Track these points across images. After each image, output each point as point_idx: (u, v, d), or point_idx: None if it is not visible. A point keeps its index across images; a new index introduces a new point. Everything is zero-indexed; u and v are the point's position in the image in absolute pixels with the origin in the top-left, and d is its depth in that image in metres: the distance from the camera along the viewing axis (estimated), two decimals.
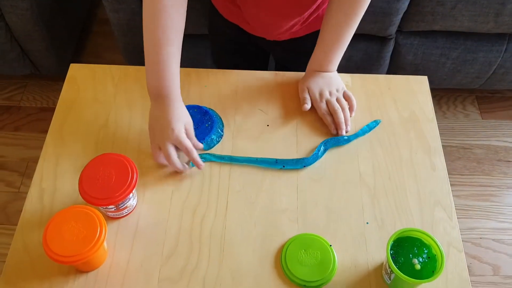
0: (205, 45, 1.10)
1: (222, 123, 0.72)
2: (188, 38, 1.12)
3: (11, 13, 1.10)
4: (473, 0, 1.00)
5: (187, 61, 1.17)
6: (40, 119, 1.32)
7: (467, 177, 1.22)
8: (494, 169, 1.24)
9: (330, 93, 0.72)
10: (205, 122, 0.71)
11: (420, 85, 0.78)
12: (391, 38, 1.12)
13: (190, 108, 0.72)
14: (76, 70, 0.79)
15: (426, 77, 0.78)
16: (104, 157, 0.62)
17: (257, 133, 0.71)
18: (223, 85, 0.77)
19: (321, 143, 0.69)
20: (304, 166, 0.68)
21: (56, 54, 1.25)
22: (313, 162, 0.68)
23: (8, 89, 1.36)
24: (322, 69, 0.74)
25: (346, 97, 0.72)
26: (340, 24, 0.70)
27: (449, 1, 1.01)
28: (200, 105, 0.73)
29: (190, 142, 0.65)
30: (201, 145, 0.67)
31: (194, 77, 0.78)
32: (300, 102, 0.72)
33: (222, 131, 0.71)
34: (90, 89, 0.76)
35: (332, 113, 0.71)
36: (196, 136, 0.69)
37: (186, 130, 0.66)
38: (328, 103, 0.71)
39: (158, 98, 0.66)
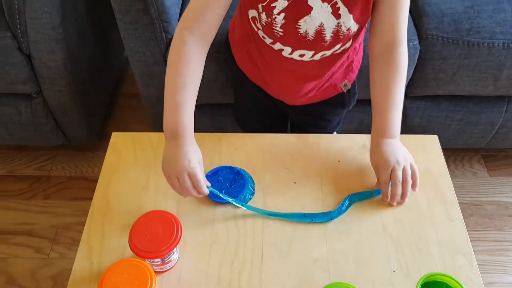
0: (228, 113, 1.19)
1: (253, 182, 0.79)
2: (212, 107, 1.22)
3: (50, 89, 1.21)
4: (472, 66, 1.10)
5: (212, 128, 1.26)
6: (68, 188, 1.39)
7: (480, 232, 1.27)
8: (505, 224, 1.29)
9: (398, 162, 0.71)
10: (238, 181, 0.78)
11: (431, 143, 0.85)
12: None
13: (223, 168, 0.79)
14: (117, 138, 0.87)
15: (436, 135, 0.86)
16: (151, 214, 0.68)
17: (285, 190, 0.78)
18: (251, 147, 0.84)
19: (346, 198, 0.75)
20: (331, 219, 0.73)
21: (87, 126, 1.34)
22: (339, 215, 0.74)
23: (39, 160, 1.45)
24: (385, 135, 0.74)
25: (412, 171, 0.72)
26: (388, 84, 0.74)
27: (450, 68, 1.11)
28: (232, 165, 0.80)
29: (202, 176, 0.70)
30: (207, 191, 0.71)
31: (225, 141, 0.85)
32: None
33: (254, 189, 0.78)
34: (131, 154, 0.84)
35: (392, 182, 0.71)
36: (230, 193, 0.76)
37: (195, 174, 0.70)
38: (392, 172, 0.70)
39: (174, 137, 0.72)
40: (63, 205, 1.35)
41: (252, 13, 0.77)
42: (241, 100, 1.06)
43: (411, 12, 1.13)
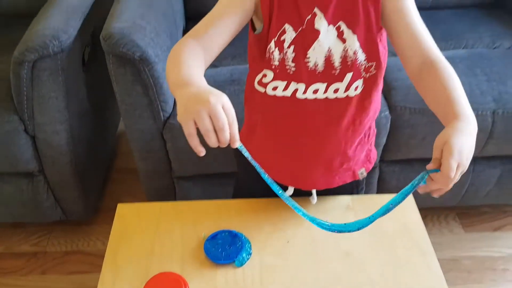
0: (220, 183, 1.28)
1: (250, 243, 0.87)
2: (213, 177, 1.30)
3: (51, 168, 1.29)
4: (438, 133, 1.23)
5: (204, 197, 1.34)
6: (65, 262, 1.43)
7: (461, 286, 1.35)
8: (484, 277, 1.37)
9: (463, 170, 0.65)
10: (236, 243, 0.86)
11: (406, 200, 0.95)
12: (376, 167, 1.33)
13: (222, 232, 0.87)
14: (123, 209, 0.94)
15: (416, 208, 0.96)
16: (160, 276, 0.75)
17: (279, 248, 0.86)
18: (247, 211, 0.93)
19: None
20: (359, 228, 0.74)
21: (84, 202, 1.41)
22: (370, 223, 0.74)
23: (36, 235, 1.49)
24: (463, 118, 0.66)
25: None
26: (444, 79, 0.70)
27: (419, 135, 1.23)
28: (230, 229, 0.88)
29: (224, 117, 0.58)
30: (237, 140, 0.62)
31: (223, 207, 0.94)
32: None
33: (251, 249, 0.85)
34: (136, 223, 0.91)
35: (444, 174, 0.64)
36: (229, 254, 0.83)
37: (226, 110, 0.59)
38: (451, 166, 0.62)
39: (185, 85, 0.63)
40: (60, 280, 1.38)
41: (259, 77, 0.79)
42: (246, 186, 1.04)
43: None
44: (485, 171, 1.37)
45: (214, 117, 0.57)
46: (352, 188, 0.97)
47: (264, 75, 0.78)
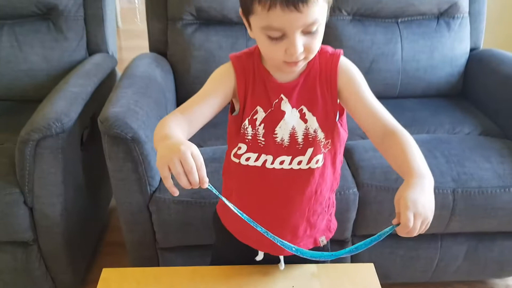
0: (201, 254, 1.37)
1: None
2: (195, 249, 1.38)
3: (45, 237, 1.38)
4: None
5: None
6: None
7: None
8: None
9: (423, 221, 0.74)
10: None
11: (367, 270, 1.04)
12: (348, 241, 1.42)
13: None
14: (107, 273, 1.03)
15: (372, 264, 1.05)
16: None
17: None
18: (221, 277, 1.01)
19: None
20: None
21: (73, 272, 1.48)
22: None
23: None
24: (416, 175, 0.75)
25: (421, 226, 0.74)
26: (403, 145, 0.80)
27: (386, 210, 1.34)
28: None
29: (192, 163, 0.69)
30: (206, 182, 0.72)
31: (200, 273, 1.02)
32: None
33: None
34: (119, 286, 1.00)
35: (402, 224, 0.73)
36: None
37: (196, 159, 0.70)
38: (407, 219, 0.72)
39: (164, 139, 0.74)
40: None
41: (234, 150, 0.91)
42: (221, 253, 1.12)
43: (349, 165, 1.40)
44: (452, 247, 1.45)
45: (184, 162, 0.69)
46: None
47: (239, 148, 0.91)
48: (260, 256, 1.01)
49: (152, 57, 1.68)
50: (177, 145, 0.71)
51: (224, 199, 0.80)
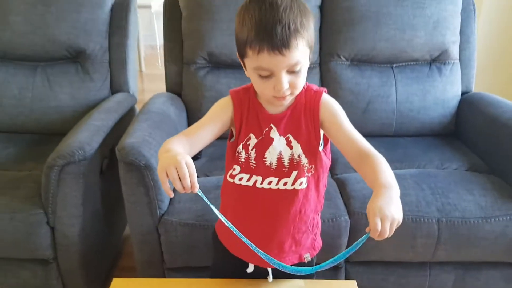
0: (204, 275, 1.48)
1: None
2: (199, 270, 1.50)
3: (64, 256, 1.52)
4: (393, 234, 1.44)
5: None
6: None
7: None
8: None
9: (391, 223, 0.84)
10: None
11: (350, 286, 1.15)
12: (342, 267, 1.52)
13: None
14: (117, 284, 1.16)
15: (355, 281, 1.15)
16: None
17: None
18: None
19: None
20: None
21: (88, 287, 1.61)
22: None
23: None
24: (383, 186, 0.88)
25: (390, 227, 0.84)
26: (374, 167, 0.92)
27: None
28: None
29: (185, 170, 0.84)
30: (197, 187, 0.86)
31: (199, 285, 1.14)
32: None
33: None
34: None
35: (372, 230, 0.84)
36: None
37: (189, 168, 0.85)
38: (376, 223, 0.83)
39: (166, 152, 0.90)
40: None
41: (230, 171, 1.05)
42: (218, 263, 1.26)
43: (342, 195, 1.52)
44: (440, 275, 1.54)
45: (179, 169, 0.84)
46: (309, 275, 1.17)
47: (234, 169, 1.05)
48: (250, 268, 1.13)
49: (168, 96, 1.86)
50: (174, 156, 0.87)
51: (213, 207, 0.94)
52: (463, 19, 1.93)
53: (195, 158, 1.69)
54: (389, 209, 0.85)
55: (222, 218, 0.96)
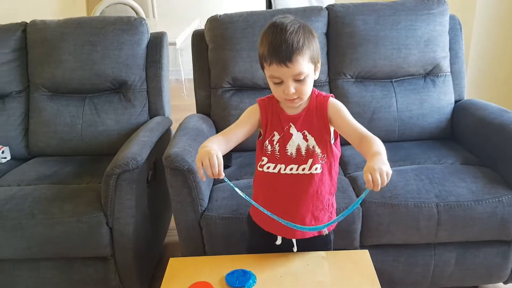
0: None
1: (255, 276, 1.32)
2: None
3: (121, 252, 1.79)
4: (398, 221, 1.69)
5: None
6: None
7: None
8: None
9: (381, 174, 1.08)
10: (246, 275, 1.31)
11: (363, 256, 1.40)
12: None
13: (238, 270, 1.33)
14: (174, 262, 1.42)
15: (367, 250, 1.41)
16: (196, 285, 1.21)
17: (275, 280, 1.30)
18: (252, 260, 1.39)
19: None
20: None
21: (141, 284, 1.87)
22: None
23: None
24: (374, 153, 1.14)
25: (381, 177, 1.08)
26: (371, 142, 1.20)
27: (384, 223, 1.69)
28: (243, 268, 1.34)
29: (215, 161, 1.15)
30: (222, 174, 1.18)
31: (239, 258, 1.41)
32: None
33: (255, 280, 1.30)
34: (183, 269, 1.38)
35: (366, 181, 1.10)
36: (242, 282, 1.28)
37: (218, 159, 1.16)
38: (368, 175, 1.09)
39: (203, 147, 1.21)
40: None
41: (259, 162, 1.34)
42: (253, 242, 1.53)
43: (353, 188, 1.79)
44: (444, 254, 1.78)
45: (210, 160, 1.16)
46: (327, 244, 1.44)
47: (262, 160, 1.35)
48: (279, 241, 1.40)
49: (199, 116, 2.16)
50: (209, 150, 1.19)
51: (237, 189, 1.26)
52: (451, 37, 2.23)
53: (226, 166, 1.99)
54: (377, 165, 1.11)
55: (246, 197, 1.26)
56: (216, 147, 1.24)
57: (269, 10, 2.42)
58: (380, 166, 1.10)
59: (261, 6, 4.70)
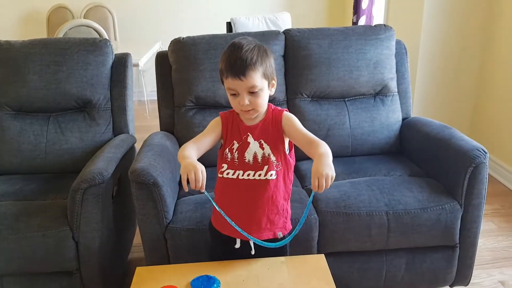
0: None
1: (219, 281, 1.40)
2: None
3: (86, 266, 1.82)
4: (351, 229, 1.82)
5: None
6: None
7: None
8: None
9: (326, 179, 1.24)
10: (211, 281, 1.39)
11: (318, 260, 1.51)
12: None
13: (202, 276, 1.41)
14: (140, 272, 1.48)
15: (323, 255, 1.52)
16: None
17: (238, 285, 1.39)
18: (215, 266, 1.47)
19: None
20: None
21: None
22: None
23: None
24: (319, 155, 1.29)
25: (326, 181, 1.24)
26: (318, 146, 1.34)
27: (339, 230, 1.81)
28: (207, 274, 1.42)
29: (200, 176, 1.28)
30: (203, 188, 1.29)
31: (202, 266, 1.48)
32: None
33: (219, 284, 1.39)
34: (149, 277, 1.45)
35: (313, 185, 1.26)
36: (207, 287, 1.36)
37: (202, 175, 1.29)
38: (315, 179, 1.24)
39: (185, 158, 1.33)
40: None
41: (221, 168, 1.45)
42: (214, 249, 1.63)
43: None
44: (395, 260, 1.91)
45: (196, 174, 1.29)
46: (278, 249, 1.52)
47: (222, 167, 1.47)
48: (238, 244, 1.49)
49: (163, 133, 2.24)
50: (194, 164, 1.31)
51: (211, 199, 1.39)
52: (398, 60, 2.42)
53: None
54: (323, 169, 1.26)
55: (216, 206, 1.39)
56: (195, 157, 1.37)
57: (230, 34, 2.54)
58: (326, 171, 1.25)
59: (220, 30, 4.86)
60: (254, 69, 1.34)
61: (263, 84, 1.37)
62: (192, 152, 1.39)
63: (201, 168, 1.30)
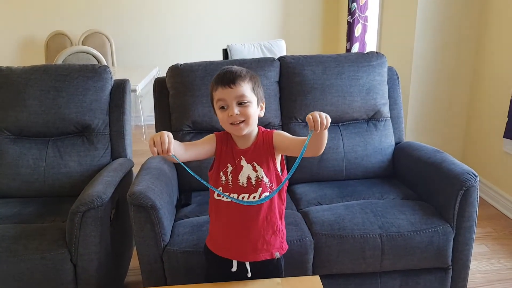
0: None
1: None
2: None
3: None
4: (346, 251, 1.85)
5: None
6: None
7: None
8: None
9: (321, 115, 1.25)
10: None
11: (313, 281, 1.53)
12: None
13: None
14: None
15: (318, 276, 1.54)
16: None
17: None
18: None
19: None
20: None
21: None
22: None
23: None
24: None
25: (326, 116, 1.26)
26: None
27: (334, 252, 1.84)
28: None
29: (166, 138, 1.27)
30: (171, 151, 1.29)
31: None
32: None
33: None
34: None
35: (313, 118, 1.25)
36: None
37: (168, 138, 1.28)
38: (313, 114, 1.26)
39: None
40: None
41: (216, 193, 1.47)
42: (210, 271, 1.66)
43: (305, 221, 1.94)
44: (389, 282, 1.94)
45: (161, 137, 1.28)
46: (274, 271, 1.56)
47: (219, 189, 1.48)
48: (234, 267, 1.51)
49: (160, 157, 2.27)
50: (161, 132, 1.31)
51: (179, 161, 1.38)
52: (390, 86, 2.48)
53: (186, 204, 2.11)
54: (317, 112, 1.28)
55: (187, 168, 1.40)
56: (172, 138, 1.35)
57: (226, 60, 2.62)
58: (320, 112, 1.28)
59: (217, 56, 4.96)
60: (243, 80, 1.42)
61: (252, 98, 1.43)
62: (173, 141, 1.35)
63: (167, 133, 1.30)
